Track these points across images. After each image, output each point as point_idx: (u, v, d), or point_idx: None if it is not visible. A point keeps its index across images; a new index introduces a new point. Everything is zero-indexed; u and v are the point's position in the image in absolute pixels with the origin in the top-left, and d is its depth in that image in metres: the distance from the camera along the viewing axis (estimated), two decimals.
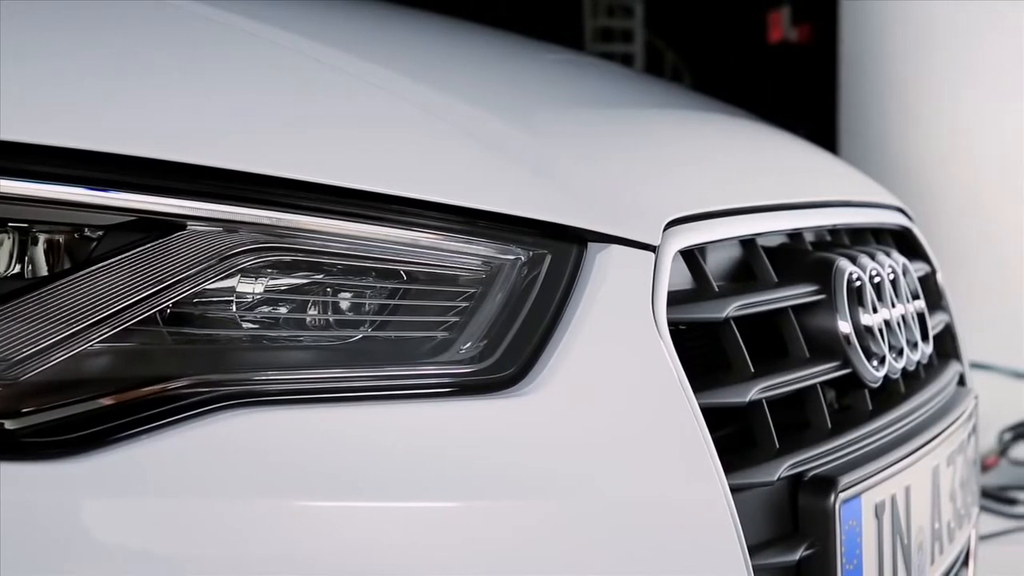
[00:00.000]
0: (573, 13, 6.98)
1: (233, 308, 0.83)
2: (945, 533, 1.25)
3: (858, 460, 1.08)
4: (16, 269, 0.78)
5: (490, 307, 0.88)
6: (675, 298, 0.97)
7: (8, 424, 0.75)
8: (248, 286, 0.83)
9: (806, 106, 4.66)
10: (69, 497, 0.74)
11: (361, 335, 0.86)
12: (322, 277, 0.85)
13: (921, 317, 1.31)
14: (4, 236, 0.78)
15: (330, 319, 0.86)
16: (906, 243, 1.48)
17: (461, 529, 0.81)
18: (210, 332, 0.82)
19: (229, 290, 0.82)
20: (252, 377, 0.80)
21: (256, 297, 0.83)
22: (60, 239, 0.79)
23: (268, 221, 0.81)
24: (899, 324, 1.23)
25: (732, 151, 1.37)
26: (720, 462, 0.92)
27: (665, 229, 0.98)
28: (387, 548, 0.79)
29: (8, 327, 0.75)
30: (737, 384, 1.00)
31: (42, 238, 0.79)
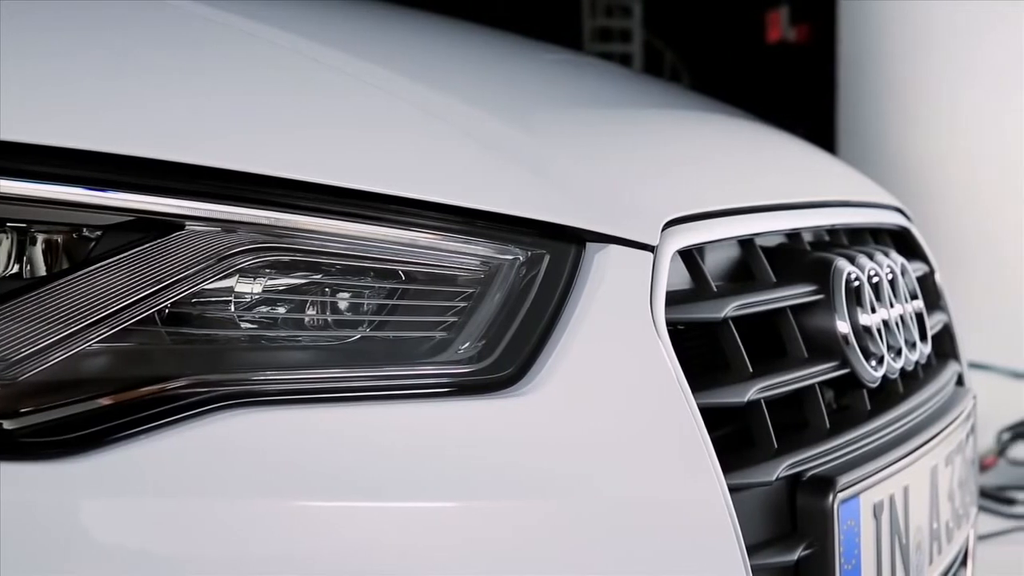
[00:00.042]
0: (571, 13, 6.98)
1: (231, 308, 0.83)
2: (943, 533, 1.25)
3: (856, 460, 1.08)
4: (15, 269, 0.78)
5: (488, 307, 0.88)
6: (673, 298, 0.97)
7: (7, 424, 0.75)
8: (246, 286, 0.83)
9: (804, 106, 4.66)
10: (68, 497, 0.74)
11: (360, 335, 0.86)
12: (320, 277, 0.85)
13: (919, 317, 1.31)
14: (3, 236, 0.78)
15: (328, 319, 0.86)
16: (904, 243, 1.48)
17: (460, 529, 0.81)
18: (208, 332, 0.82)
19: (227, 290, 0.82)
20: (251, 377, 0.80)
21: (254, 297, 0.83)
22: (59, 239, 0.79)
23: (267, 221, 0.81)
24: (897, 324, 1.23)
25: (730, 151, 1.36)
26: (719, 462, 0.92)
27: (663, 229, 0.98)
28: (386, 548, 0.79)
29: (7, 327, 0.75)
30: (735, 384, 1.00)
31: (40, 238, 0.78)
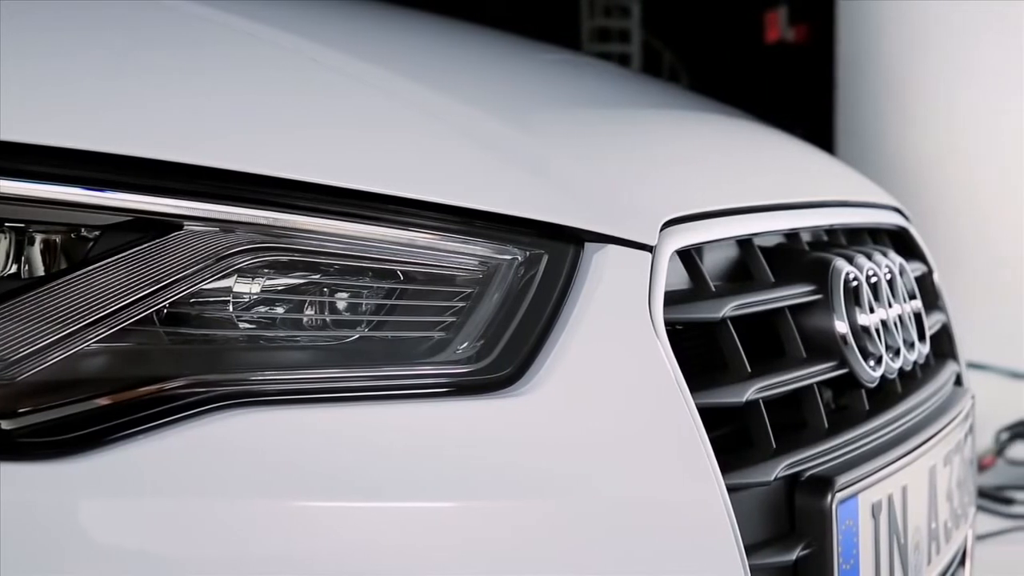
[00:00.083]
0: (570, 13, 6.98)
1: (230, 308, 0.83)
2: (942, 533, 1.25)
3: (855, 460, 1.08)
4: (13, 269, 0.78)
5: (487, 307, 0.88)
6: (672, 298, 0.97)
7: (5, 424, 0.75)
8: (245, 286, 0.83)
9: (803, 106, 4.66)
10: (66, 497, 0.74)
11: (358, 335, 0.86)
12: (319, 277, 0.85)
13: (918, 317, 1.31)
14: (1, 236, 0.78)
15: (327, 319, 0.86)
16: (903, 243, 1.48)
17: (458, 529, 0.81)
18: (207, 332, 0.82)
19: (226, 290, 0.82)
20: (249, 377, 0.80)
21: (253, 297, 0.83)
22: (57, 239, 0.79)
23: (265, 221, 0.81)
24: (896, 324, 1.23)
25: (729, 151, 1.36)
26: (717, 462, 0.92)
27: (662, 229, 0.98)
28: (384, 548, 0.79)
29: (5, 327, 0.75)
30: (734, 384, 1.00)
31: (39, 238, 0.78)
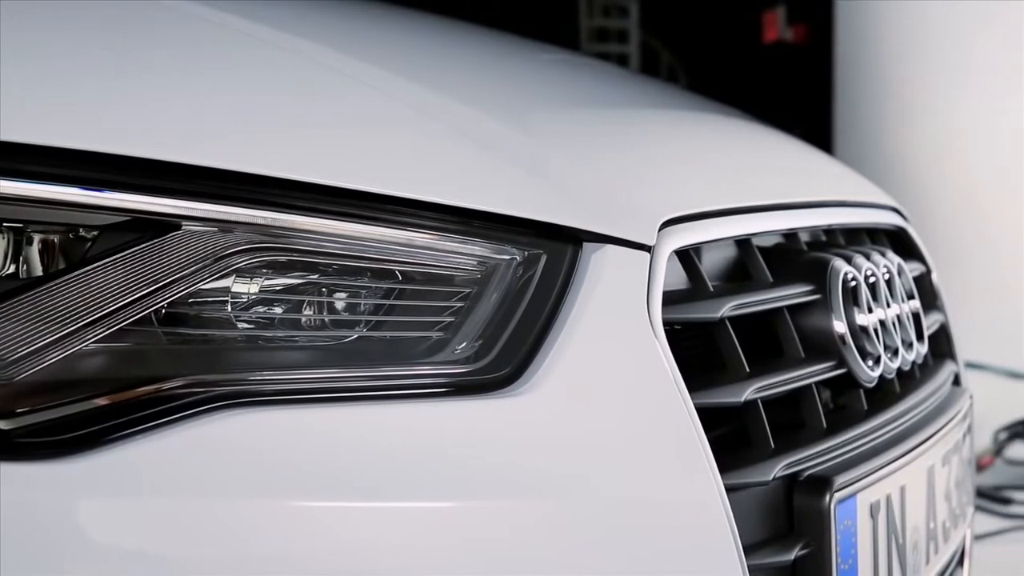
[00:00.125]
0: (568, 13, 6.97)
1: (228, 308, 0.83)
2: (940, 533, 1.25)
3: (853, 460, 1.08)
4: (11, 269, 0.78)
5: (485, 307, 0.88)
6: (670, 298, 0.97)
7: (3, 424, 0.75)
8: (243, 286, 0.83)
9: (801, 106, 4.66)
10: (65, 497, 0.74)
11: (356, 335, 0.86)
12: (317, 277, 0.85)
13: (916, 317, 1.31)
14: None
15: (325, 319, 0.86)
16: (901, 243, 1.48)
17: (457, 529, 0.81)
18: (205, 332, 0.82)
19: (224, 290, 0.82)
20: (248, 377, 0.80)
21: (251, 297, 0.83)
22: (55, 239, 0.79)
23: (263, 221, 0.81)
24: (894, 324, 1.23)
25: (727, 151, 1.37)
26: (715, 462, 0.92)
27: (660, 229, 0.98)
28: (383, 548, 0.79)
29: (3, 327, 0.75)
30: (732, 384, 1.00)
31: (37, 238, 0.78)
